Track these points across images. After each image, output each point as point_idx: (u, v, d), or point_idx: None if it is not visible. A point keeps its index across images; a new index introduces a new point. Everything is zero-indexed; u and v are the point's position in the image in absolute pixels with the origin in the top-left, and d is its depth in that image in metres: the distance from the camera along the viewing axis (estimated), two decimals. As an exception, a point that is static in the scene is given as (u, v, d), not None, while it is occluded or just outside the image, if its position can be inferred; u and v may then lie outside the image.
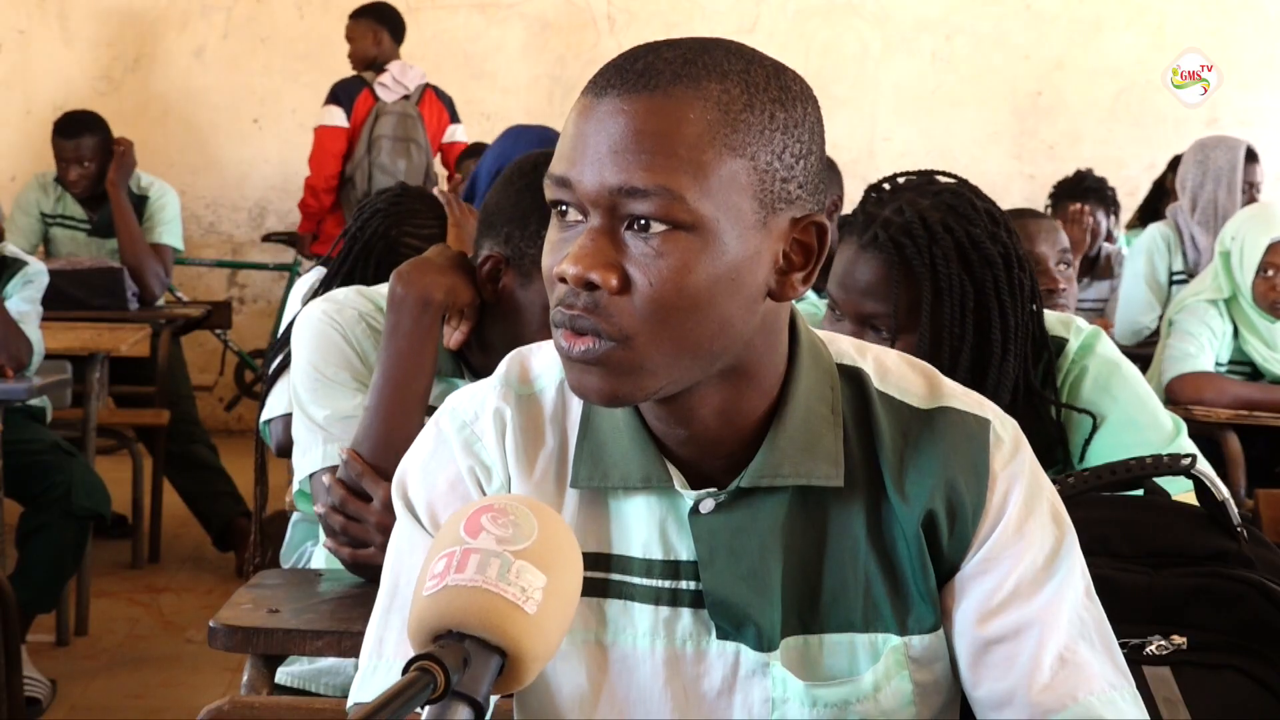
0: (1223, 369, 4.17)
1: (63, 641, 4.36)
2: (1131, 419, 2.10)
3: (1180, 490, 1.79)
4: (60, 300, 4.86)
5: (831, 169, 4.65)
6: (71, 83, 7.46)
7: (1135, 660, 1.50)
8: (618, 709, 1.28)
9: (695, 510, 1.27)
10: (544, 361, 1.34)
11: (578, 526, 1.29)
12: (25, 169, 6.14)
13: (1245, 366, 4.20)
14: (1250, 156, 5.18)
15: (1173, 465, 1.71)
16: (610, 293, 1.17)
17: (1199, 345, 4.12)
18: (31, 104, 7.45)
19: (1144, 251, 5.11)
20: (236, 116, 7.60)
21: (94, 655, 4.32)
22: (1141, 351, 4.47)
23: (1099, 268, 5.56)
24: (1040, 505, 1.28)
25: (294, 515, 2.52)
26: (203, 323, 5.99)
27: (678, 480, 1.27)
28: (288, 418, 2.40)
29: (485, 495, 1.30)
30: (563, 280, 1.19)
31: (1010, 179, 7.47)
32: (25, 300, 4.20)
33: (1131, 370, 2.16)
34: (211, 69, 7.58)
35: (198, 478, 5.27)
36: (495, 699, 1.10)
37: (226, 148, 7.60)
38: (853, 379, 1.30)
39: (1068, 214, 5.33)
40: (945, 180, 2.14)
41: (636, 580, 1.28)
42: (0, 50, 7.54)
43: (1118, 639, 1.29)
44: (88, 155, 5.52)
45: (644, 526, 1.28)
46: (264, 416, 2.60)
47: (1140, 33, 7.82)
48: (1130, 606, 1.59)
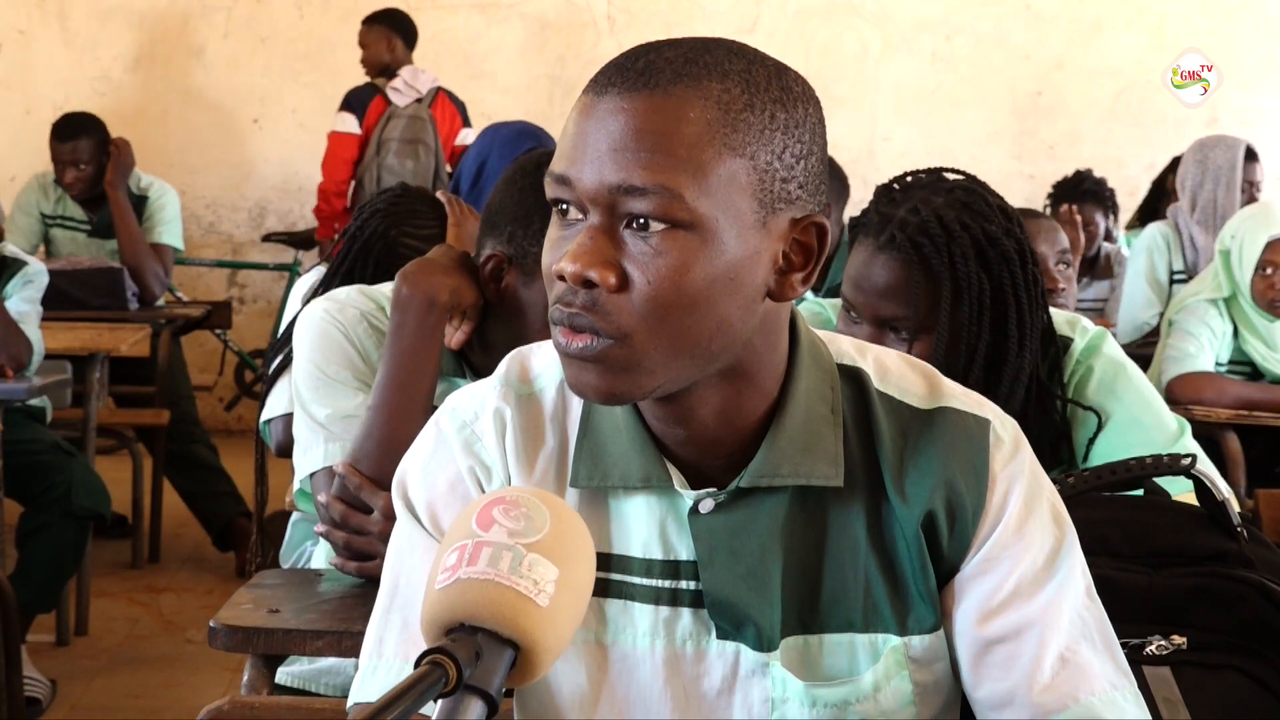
0: (1223, 369, 4.16)
1: (63, 641, 4.36)
2: (1136, 419, 2.10)
3: (1180, 490, 1.79)
4: (60, 300, 4.86)
5: (840, 180, 4.61)
6: (71, 83, 7.46)
7: (1135, 660, 1.50)
8: (618, 709, 1.28)
9: (695, 510, 1.27)
10: (544, 361, 1.34)
11: (578, 526, 1.29)
12: (25, 169, 6.13)
13: (1245, 366, 4.19)
14: (1250, 156, 5.18)
15: (1173, 465, 1.71)
16: (608, 291, 1.17)
17: (1199, 345, 4.11)
18: (31, 104, 7.45)
19: (1144, 250, 5.11)
20: (236, 116, 7.60)
21: (94, 655, 4.32)
22: (1142, 351, 4.46)
23: (1099, 268, 5.56)
24: (1040, 505, 1.28)
25: (294, 515, 2.51)
26: (203, 323, 5.99)
27: (677, 480, 1.27)
28: (288, 418, 2.40)
29: (476, 499, 1.30)
30: (561, 278, 1.19)
31: (1010, 179, 7.46)
32: (25, 300, 4.20)
33: (1136, 371, 2.17)
34: (211, 69, 7.58)
35: (198, 478, 5.27)
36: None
37: (226, 148, 7.60)
38: (853, 379, 1.30)
39: (1059, 215, 5.34)
40: (955, 178, 2.14)
41: (636, 580, 1.28)
42: (0, 50, 7.54)
43: (1118, 639, 1.29)
44: (84, 157, 5.51)
45: (644, 526, 1.28)
46: (264, 416, 2.59)
47: (1140, 33, 7.82)
48: (1130, 606, 1.59)
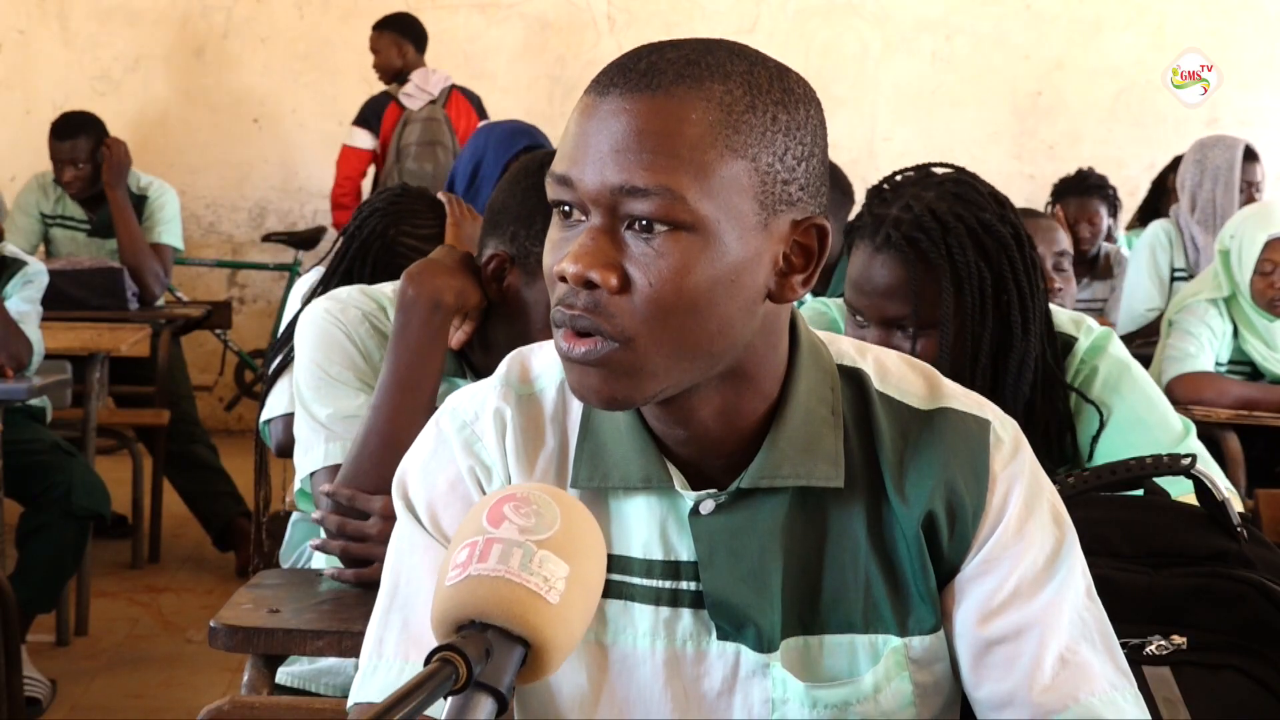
0: (1223, 369, 4.16)
1: (63, 641, 4.36)
2: (1140, 419, 2.10)
3: (1181, 490, 1.79)
4: (60, 300, 4.86)
5: (842, 189, 4.56)
6: (71, 83, 7.45)
7: (1135, 660, 1.50)
8: (618, 709, 1.28)
9: (695, 511, 1.27)
10: (544, 361, 1.34)
11: (579, 527, 1.29)
12: (25, 169, 6.13)
13: (1245, 366, 4.19)
14: (1249, 156, 5.18)
15: (1173, 465, 1.71)
16: (610, 292, 1.17)
17: (1199, 345, 4.11)
18: (31, 104, 7.44)
19: (1148, 245, 5.13)
20: (236, 116, 7.59)
21: (94, 655, 4.32)
22: (1142, 351, 4.46)
23: (1099, 267, 5.55)
24: (1040, 506, 1.28)
25: (294, 515, 2.51)
26: (203, 323, 5.98)
27: (678, 481, 1.27)
28: (288, 418, 2.40)
29: (486, 495, 1.30)
30: (563, 279, 1.19)
31: (1010, 179, 7.45)
32: (25, 300, 4.20)
33: (1141, 372, 2.17)
34: (211, 69, 7.58)
35: (198, 478, 5.27)
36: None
37: (226, 148, 7.60)
38: (853, 380, 1.30)
39: (1058, 212, 5.36)
40: (943, 171, 2.15)
41: (637, 580, 1.28)
42: (0, 50, 7.54)
43: (1118, 639, 1.29)
44: (83, 157, 5.51)
45: (644, 527, 1.28)
46: (264, 416, 2.59)
47: (1140, 33, 7.82)
48: (1130, 606, 1.59)
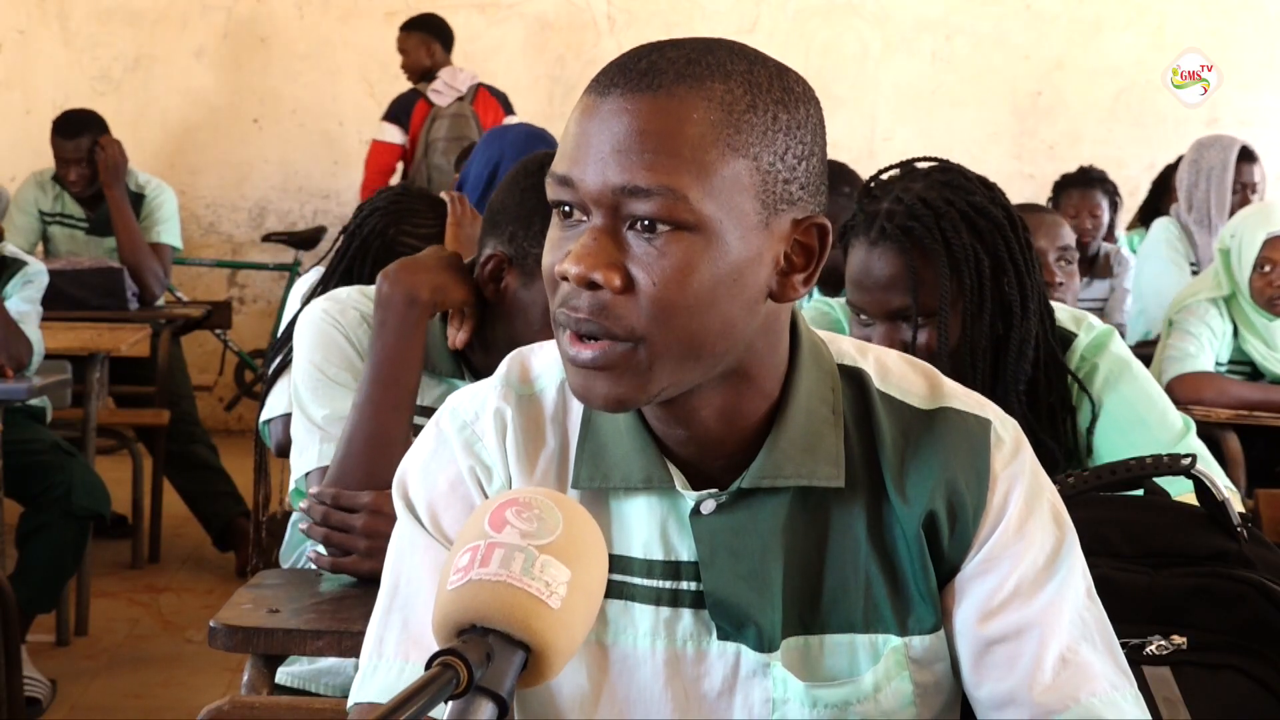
0: (1223, 369, 4.16)
1: (63, 641, 4.36)
2: (1141, 417, 2.11)
3: (1181, 490, 1.79)
4: (60, 300, 4.86)
5: (855, 186, 4.54)
6: (71, 83, 7.45)
7: (1135, 660, 1.50)
8: (618, 709, 1.28)
9: (696, 511, 1.27)
10: (544, 361, 1.34)
11: (579, 527, 1.28)
12: (25, 169, 6.12)
13: (1245, 366, 4.19)
14: (1247, 157, 5.17)
15: (1173, 465, 1.71)
16: (613, 292, 1.17)
17: (1199, 345, 4.11)
18: (31, 104, 7.44)
19: (1162, 240, 5.11)
20: (236, 116, 7.59)
21: (94, 655, 4.32)
22: (1142, 351, 4.46)
23: (1098, 267, 5.55)
24: (1041, 505, 1.28)
25: (294, 515, 2.51)
26: (203, 323, 5.99)
27: (679, 481, 1.27)
28: (287, 418, 2.40)
29: (486, 496, 1.30)
30: (564, 279, 1.19)
31: (1010, 179, 7.45)
32: (25, 300, 4.20)
33: (1142, 370, 2.17)
34: (211, 69, 7.58)
35: (198, 478, 5.27)
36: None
37: (226, 148, 7.60)
38: (854, 379, 1.30)
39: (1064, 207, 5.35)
40: (927, 164, 2.16)
41: (637, 580, 1.28)
42: (0, 50, 7.53)
43: (1118, 639, 1.29)
44: (87, 155, 5.51)
45: (645, 527, 1.28)
46: (264, 416, 2.60)
47: (1140, 33, 7.82)
48: (1130, 606, 1.59)
